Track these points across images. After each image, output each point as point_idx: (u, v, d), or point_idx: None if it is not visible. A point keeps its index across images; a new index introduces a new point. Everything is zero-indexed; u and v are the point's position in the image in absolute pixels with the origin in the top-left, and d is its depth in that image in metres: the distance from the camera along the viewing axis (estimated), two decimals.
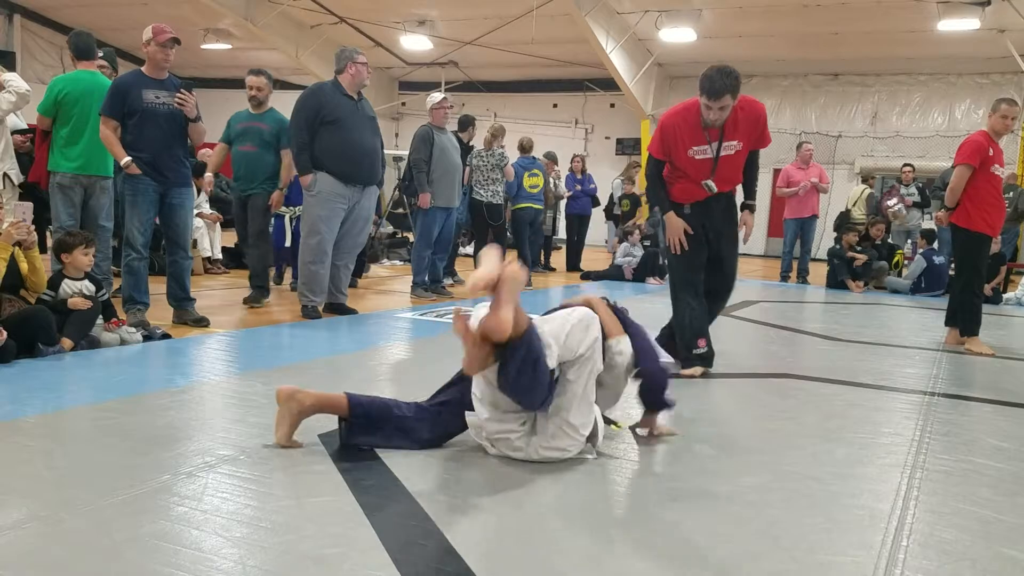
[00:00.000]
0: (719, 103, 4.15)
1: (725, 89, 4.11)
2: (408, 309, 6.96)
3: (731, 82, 4.11)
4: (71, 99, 5.63)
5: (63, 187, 5.58)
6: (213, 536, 2.09)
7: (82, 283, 4.62)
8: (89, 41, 5.92)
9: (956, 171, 5.81)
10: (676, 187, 4.52)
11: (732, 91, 4.12)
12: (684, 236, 4.49)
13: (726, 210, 4.60)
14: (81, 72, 5.81)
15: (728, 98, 4.13)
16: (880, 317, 7.79)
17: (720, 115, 4.21)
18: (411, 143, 7.95)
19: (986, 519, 2.47)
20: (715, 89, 4.12)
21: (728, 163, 4.43)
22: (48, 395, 3.51)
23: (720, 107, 4.17)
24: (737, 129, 4.35)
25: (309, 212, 6.01)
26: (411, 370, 4.57)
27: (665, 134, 4.44)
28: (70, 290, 4.54)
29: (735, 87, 4.13)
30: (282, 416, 2.84)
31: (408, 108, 21.54)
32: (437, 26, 17.19)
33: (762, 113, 4.43)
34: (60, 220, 5.58)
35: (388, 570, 1.93)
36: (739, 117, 4.31)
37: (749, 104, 4.37)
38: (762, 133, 4.45)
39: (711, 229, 4.55)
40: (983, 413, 3.97)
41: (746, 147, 4.43)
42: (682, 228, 4.49)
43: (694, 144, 4.37)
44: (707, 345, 4.52)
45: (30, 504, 2.23)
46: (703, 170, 4.41)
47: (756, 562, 2.09)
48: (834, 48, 16.14)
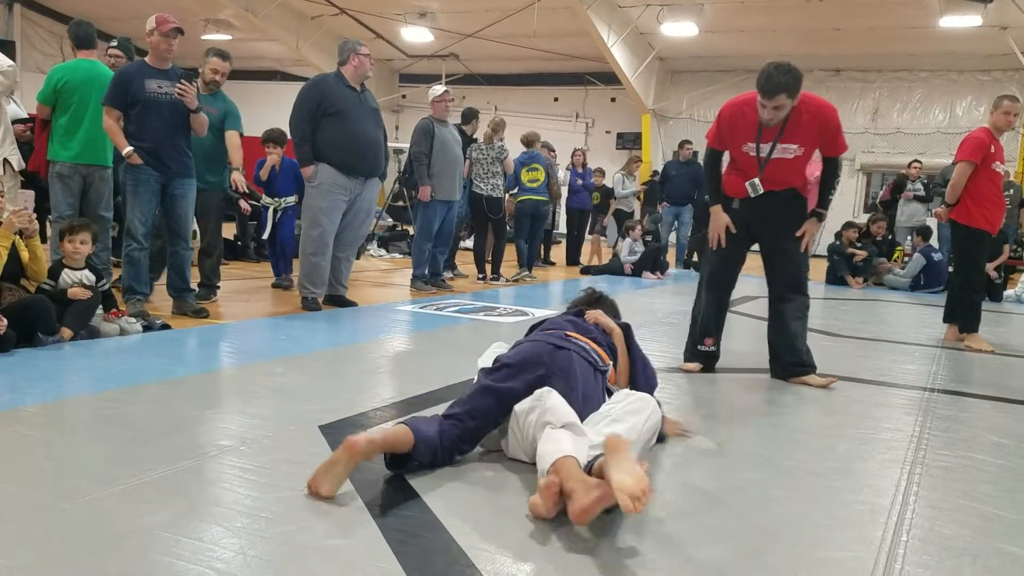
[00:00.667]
0: (773, 102, 3.86)
1: (780, 87, 3.81)
2: (408, 302, 6.96)
3: (788, 80, 3.82)
4: (70, 88, 5.61)
5: (62, 176, 5.57)
6: (214, 526, 2.09)
7: (82, 272, 4.61)
8: (89, 30, 5.91)
9: (958, 168, 5.80)
10: (728, 179, 4.30)
11: (788, 90, 3.83)
12: (724, 233, 4.27)
13: (784, 209, 4.22)
14: (81, 61, 5.79)
15: (783, 97, 3.84)
16: (879, 313, 7.79)
17: (775, 115, 3.92)
18: (412, 136, 7.94)
19: (986, 515, 2.47)
20: (770, 87, 3.84)
21: (782, 166, 4.11)
22: (48, 384, 3.51)
23: (775, 106, 3.87)
24: (799, 131, 4.01)
25: (310, 204, 6.00)
26: (411, 363, 4.57)
27: (722, 124, 4.20)
28: (70, 279, 4.54)
29: (792, 85, 3.83)
30: (338, 467, 2.32)
31: (408, 101, 21.51)
32: (438, 18, 17.17)
33: (831, 117, 4.05)
34: (59, 210, 5.57)
35: (389, 561, 1.93)
36: (803, 119, 3.99)
37: (817, 106, 4.04)
38: (833, 139, 4.08)
39: (765, 228, 4.27)
40: (983, 409, 3.97)
41: (808, 152, 4.10)
42: (724, 224, 4.27)
43: (748, 140, 4.11)
44: (714, 345, 4.43)
45: (30, 493, 2.23)
46: (752, 168, 4.15)
47: (757, 557, 2.09)
48: (836, 44, 16.12)
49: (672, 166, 12.16)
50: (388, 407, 3.38)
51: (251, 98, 20.14)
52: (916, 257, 10.45)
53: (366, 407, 3.33)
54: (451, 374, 3.98)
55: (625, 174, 12.78)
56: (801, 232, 4.20)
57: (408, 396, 3.57)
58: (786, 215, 4.22)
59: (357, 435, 2.37)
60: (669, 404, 3.60)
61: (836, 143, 4.11)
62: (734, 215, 4.29)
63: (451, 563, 1.95)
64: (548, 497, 2.18)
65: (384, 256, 11.76)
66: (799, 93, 3.89)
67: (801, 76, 3.85)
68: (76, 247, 4.61)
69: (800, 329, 4.29)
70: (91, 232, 4.72)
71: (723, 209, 4.31)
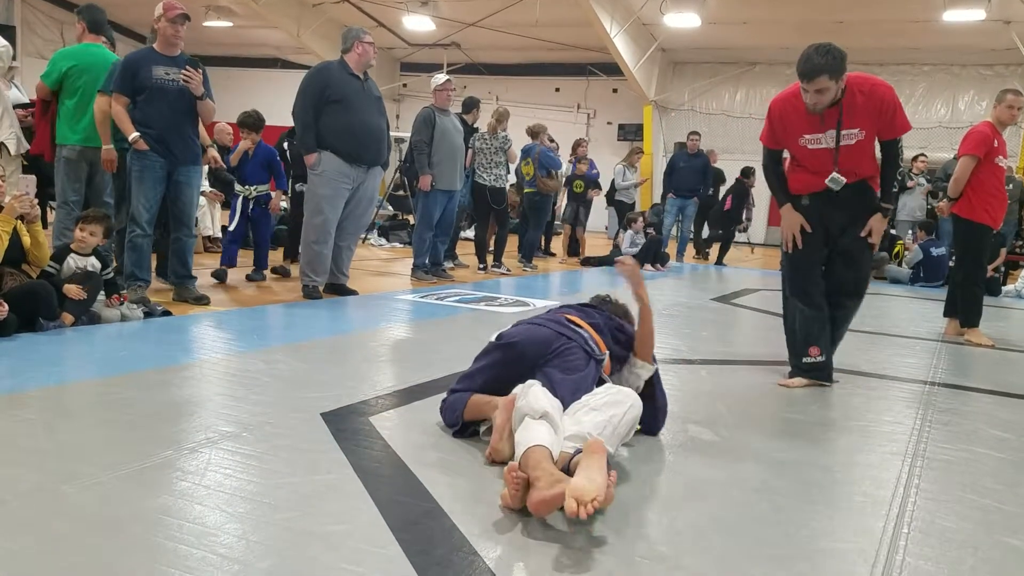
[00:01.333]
0: (814, 84, 3.62)
1: (820, 69, 3.57)
2: (409, 291, 6.96)
3: (828, 61, 3.57)
4: (78, 72, 5.58)
5: (69, 161, 5.54)
6: (216, 511, 2.09)
7: (88, 259, 4.61)
8: (103, 16, 5.88)
9: (961, 162, 5.79)
10: (792, 177, 4.05)
11: (831, 70, 3.57)
12: (800, 233, 4.00)
13: (852, 201, 3.93)
14: (89, 45, 5.75)
15: (824, 79, 3.58)
16: (880, 307, 7.78)
17: (819, 99, 3.67)
18: (413, 125, 7.92)
19: (987, 508, 2.48)
20: (808, 69, 3.60)
21: (851, 152, 3.84)
22: (50, 369, 3.51)
23: (816, 89, 3.63)
24: (855, 114, 3.75)
25: (313, 191, 5.99)
26: (412, 352, 4.57)
27: (773, 121, 3.97)
28: (74, 264, 4.54)
29: (834, 66, 3.58)
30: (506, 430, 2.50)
31: (410, 90, 21.45)
32: (440, 7, 17.11)
33: (887, 96, 3.76)
34: (65, 195, 5.55)
35: (391, 548, 1.93)
36: (857, 101, 3.73)
37: (871, 86, 3.77)
38: (891, 119, 3.78)
39: (833, 222, 4.00)
40: (983, 403, 3.97)
41: (870, 135, 3.82)
42: (798, 224, 3.98)
43: (805, 132, 3.85)
44: (822, 354, 4.01)
45: (33, 476, 2.23)
46: (824, 161, 3.85)
47: (758, 548, 2.10)
48: (838, 36, 15.81)
49: (680, 158, 12.07)
50: (389, 395, 3.38)
51: (251, 86, 20.17)
52: (915, 250, 10.45)
53: (368, 395, 3.33)
54: (452, 363, 3.97)
55: (626, 165, 12.76)
56: (867, 231, 3.94)
57: (409, 384, 3.57)
58: (857, 210, 3.96)
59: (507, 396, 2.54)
60: (669, 397, 3.60)
61: (893, 124, 3.80)
62: (805, 212, 4.00)
63: (453, 550, 1.95)
64: (510, 483, 2.16)
65: (385, 245, 11.75)
66: (843, 73, 3.64)
67: (844, 55, 3.61)
68: (86, 236, 4.60)
69: (842, 335, 4.16)
70: (104, 227, 4.70)
71: (793, 208, 4.03)
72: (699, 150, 11.92)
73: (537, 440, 2.26)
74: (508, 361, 2.81)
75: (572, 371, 2.71)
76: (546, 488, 2.08)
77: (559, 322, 2.91)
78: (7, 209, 4.19)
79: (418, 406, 3.25)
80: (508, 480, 2.18)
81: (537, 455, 2.21)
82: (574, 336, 2.84)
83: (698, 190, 11.77)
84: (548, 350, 2.76)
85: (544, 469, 2.15)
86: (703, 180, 11.83)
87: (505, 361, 2.82)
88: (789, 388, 3.99)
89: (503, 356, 2.84)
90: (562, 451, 2.29)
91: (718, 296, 8.04)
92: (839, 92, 3.69)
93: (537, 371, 2.70)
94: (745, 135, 18.17)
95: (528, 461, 2.20)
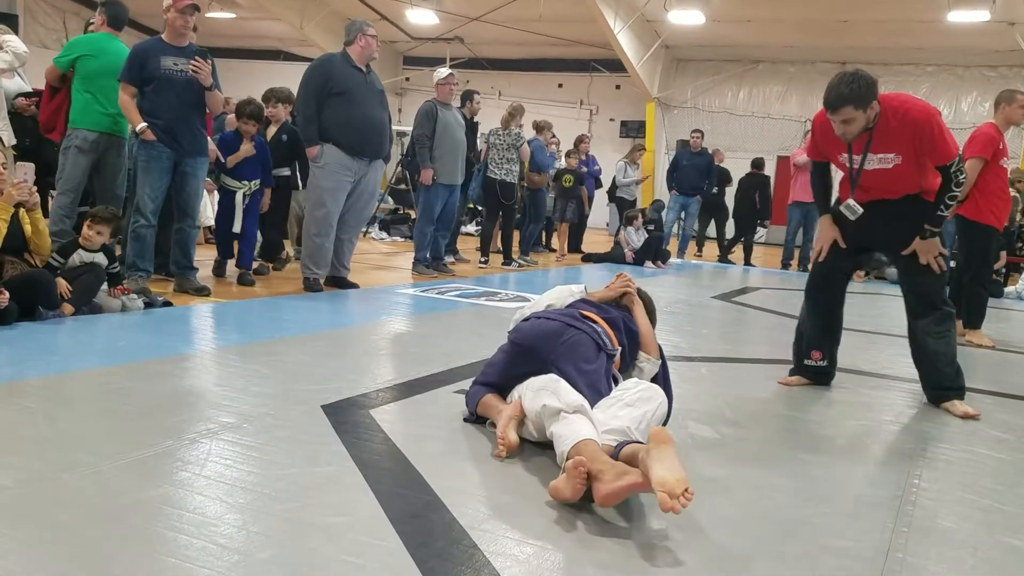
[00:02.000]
0: (839, 115, 3.47)
1: (845, 99, 3.42)
2: (409, 285, 6.96)
3: (853, 90, 3.41)
4: (90, 59, 5.49)
5: (79, 148, 5.44)
6: (216, 502, 2.08)
7: (95, 255, 4.62)
8: (124, 14, 5.82)
9: (969, 164, 5.75)
10: (844, 189, 3.89)
11: (856, 100, 3.41)
12: (828, 246, 3.90)
13: (898, 218, 3.75)
14: (105, 35, 5.68)
15: (850, 109, 3.43)
16: (881, 307, 7.78)
17: (846, 128, 3.51)
18: (415, 118, 7.91)
19: (987, 508, 2.48)
20: (832, 99, 3.47)
21: (884, 177, 3.68)
22: (50, 358, 3.51)
23: (842, 120, 3.48)
24: (888, 139, 3.57)
25: (315, 184, 5.98)
26: (412, 345, 4.57)
27: (815, 133, 3.87)
28: (79, 260, 4.55)
29: (859, 96, 3.41)
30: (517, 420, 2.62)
31: (412, 83, 21.43)
32: (443, 1, 17.08)
33: (920, 119, 3.51)
34: (70, 182, 5.41)
35: (391, 540, 1.93)
36: (891, 126, 3.54)
37: (904, 108, 3.54)
38: (932, 144, 3.52)
39: (876, 239, 3.95)
40: (984, 404, 3.96)
41: (910, 159, 3.60)
42: (832, 238, 3.88)
43: (841, 151, 3.74)
44: (824, 360, 4.01)
45: (33, 465, 2.22)
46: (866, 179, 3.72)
47: (758, 546, 2.09)
48: (842, 36, 16.05)
49: (683, 156, 12.02)
50: (390, 388, 3.38)
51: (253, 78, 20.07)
52: None
53: (368, 388, 3.32)
54: (452, 357, 3.98)
55: (628, 162, 12.75)
56: (909, 251, 3.71)
57: (410, 378, 3.57)
58: (900, 225, 3.74)
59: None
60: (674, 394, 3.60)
61: (936, 150, 3.54)
62: (845, 226, 3.86)
63: (453, 542, 1.95)
64: (576, 477, 2.13)
65: (386, 239, 11.75)
66: (870, 102, 3.46)
67: (872, 83, 3.44)
68: (93, 235, 4.58)
69: (943, 348, 3.79)
70: (112, 227, 4.69)
71: (836, 220, 3.89)
72: (702, 148, 11.88)
73: (584, 434, 2.27)
74: (521, 356, 2.85)
75: (586, 363, 2.73)
76: (614, 480, 2.10)
77: (572, 316, 2.94)
78: (5, 197, 4.18)
79: (419, 399, 3.25)
80: (573, 474, 2.14)
81: (591, 448, 2.22)
82: (585, 328, 2.86)
83: (701, 188, 11.75)
84: (558, 342, 2.78)
85: (605, 461, 2.16)
86: (706, 178, 11.81)
87: (518, 356, 2.87)
88: (788, 386, 3.99)
89: (515, 351, 2.90)
90: (604, 444, 2.31)
91: (719, 294, 8.03)
92: (873, 118, 3.53)
93: (552, 366, 2.70)
94: (748, 133, 18.18)
95: (583, 453, 2.20)
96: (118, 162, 5.63)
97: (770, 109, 18.50)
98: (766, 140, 18.01)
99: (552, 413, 2.40)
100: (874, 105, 3.48)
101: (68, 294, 4.30)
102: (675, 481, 1.99)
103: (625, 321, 3.11)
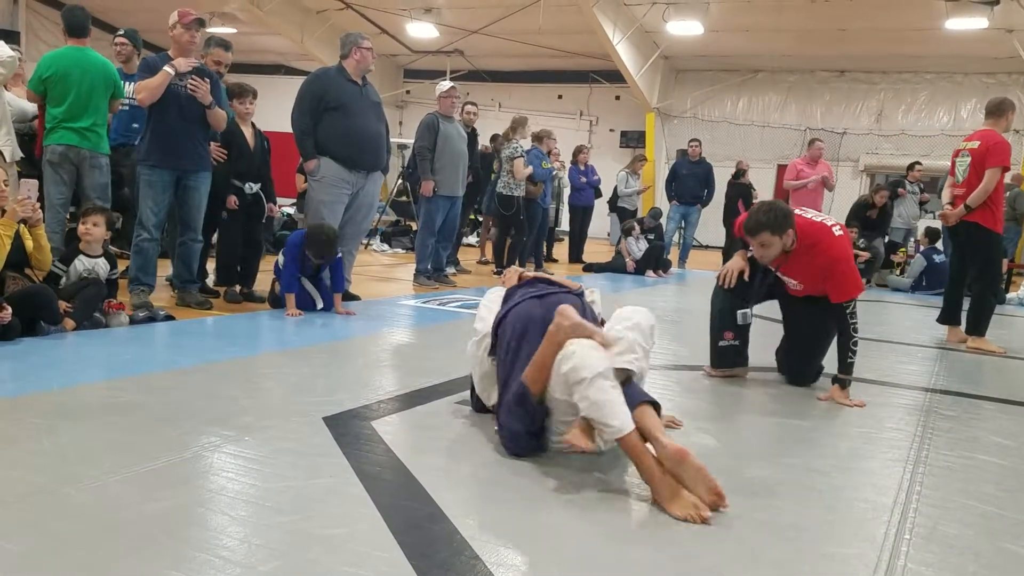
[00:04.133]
0: (758, 240, 3.81)
1: (761, 226, 3.76)
2: (411, 297, 6.96)
3: (770, 218, 3.75)
4: (57, 77, 5.55)
5: (52, 164, 5.50)
6: (218, 514, 2.09)
7: (97, 260, 4.65)
8: (80, 17, 5.77)
9: (992, 173, 5.74)
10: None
11: (772, 227, 3.75)
12: (735, 277, 4.12)
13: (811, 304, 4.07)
14: (68, 49, 5.70)
15: (767, 235, 3.76)
16: (881, 314, 7.78)
17: (764, 252, 3.84)
18: (416, 131, 7.94)
19: (988, 514, 2.48)
20: (749, 225, 3.83)
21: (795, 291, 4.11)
22: (52, 373, 3.51)
23: (760, 243, 3.81)
24: (793, 267, 3.95)
25: (313, 197, 6.00)
26: (414, 357, 4.57)
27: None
28: (81, 268, 4.57)
29: (775, 223, 3.74)
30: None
31: (413, 96, 21.49)
32: (443, 14, 17.14)
33: (830, 262, 3.82)
34: (50, 198, 5.49)
35: (392, 551, 1.94)
36: (801, 259, 3.90)
37: (820, 247, 3.84)
38: (835, 284, 3.83)
39: (781, 292, 4.22)
40: (985, 411, 3.97)
41: (809, 289, 3.99)
42: (740, 269, 4.12)
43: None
44: (736, 340, 4.20)
45: (35, 479, 2.23)
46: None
47: (760, 552, 2.10)
48: (841, 45, 16.10)
49: (682, 165, 12.05)
50: (391, 399, 3.38)
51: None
52: (917, 258, 10.45)
53: (370, 399, 3.33)
54: (453, 368, 3.98)
55: (629, 172, 12.77)
56: (827, 397, 3.89)
57: (411, 389, 3.57)
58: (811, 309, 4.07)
59: None
60: (671, 401, 3.61)
61: (837, 288, 3.83)
62: (756, 266, 4.11)
63: (454, 553, 1.95)
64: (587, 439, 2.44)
65: (387, 251, 11.76)
66: (787, 229, 3.78)
67: (787, 214, 3.80)
68: (88, 228, 4.61)
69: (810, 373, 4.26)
70: (105, 217, 4.73)
71: (744, 255, 4.15)
72: (701, 157, 11.91)
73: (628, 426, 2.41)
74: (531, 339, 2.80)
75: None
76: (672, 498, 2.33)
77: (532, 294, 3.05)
78: (9, 213, 4.20)
79: (420, 410, 3.26)
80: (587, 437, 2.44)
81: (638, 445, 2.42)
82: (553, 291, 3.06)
83: (701, 197, 11.77)
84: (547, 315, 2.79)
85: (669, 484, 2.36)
86: (706, 187, 11.83)
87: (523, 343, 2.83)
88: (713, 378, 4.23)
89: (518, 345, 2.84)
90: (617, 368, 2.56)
91: None
92: (789, 244, 3.83)
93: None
94: (747, 143, 18.21)
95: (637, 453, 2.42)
96: (96, 174, 5.63)
97: (769, 118, 18.54)
98: (766, 149, 18.05)
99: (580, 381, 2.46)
100: (790, 233, 3.80)
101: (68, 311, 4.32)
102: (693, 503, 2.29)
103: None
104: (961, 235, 6.00)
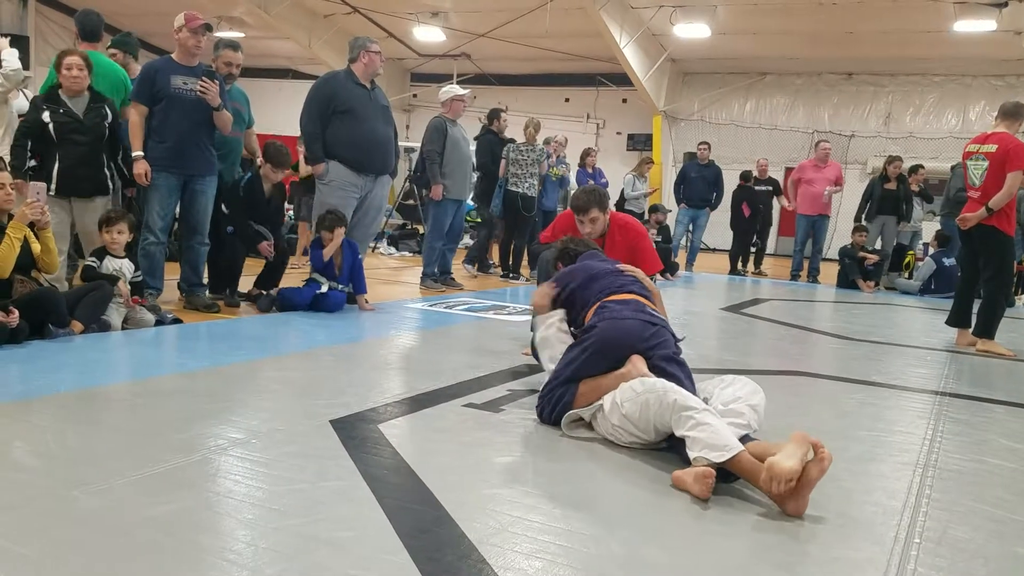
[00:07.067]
0: (588, 215, 4.37)
1: (591, 202, 4.37)
2: (418, 300, 6.97)
3: (594, 197, 4.43)
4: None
5: None
6: (226, 517, 2.09)
7: (123, 261, 4.78)
8: (96, 22, 5.80)
9: (1014, 177, 5.71)
10: None
11: (598, 204, 4.38)
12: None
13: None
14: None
15: (595, 211, 4.36)
16: (890, 317, 7.76)
17: (592, 227, 4.39)
18: (425, 134, 7.96)
19: (999, 518, 2.46)
20: (579, 204, 4.42)
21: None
22: (60, 376, 3.52)
23: (590, 219, 4.38)
24: (614, 248, 4.41)
25: (322, 201, 6.01)
26: (421, 360, 4.57)
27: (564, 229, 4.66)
28: (110, 267, 4.69)
29: (600, 201, 4.41)
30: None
31: (420, 100, 21.50)
32: (450, 18, 17.16)
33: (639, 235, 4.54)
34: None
35: (399, 554, 1.93)
36: (615, 238, 4.46)
37: (627, 225, 4.55)
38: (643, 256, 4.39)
39: None
40: (995, 414, 3.95)
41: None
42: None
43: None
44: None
45: (42, 482, 2.23)
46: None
47: (769, 555, 2.08)
48: (849, 47, 16.06)
49: (691, 168, 12.06)
50: (399, 402, 3.38)
51: (263, 96, 20.19)
52: (927, 261, 10.41)
53: (377, 402, 3.33)
54: (460, 371, 3.98)
55: (636, 175, 12.75)
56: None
57: (418, 392, 3.57)
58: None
59: None
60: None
61: (646, 262, 4.31)
62: None
63: (462, 557, 1.94)
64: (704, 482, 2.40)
65: (394, 254, 11.77)
66: (606, 208, 4.43)
67: (606, 195, 4.54)
68: (114, 237, 4.73)
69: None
70: (128, 222, 4.81)
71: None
72: (710, 160, 11.90)
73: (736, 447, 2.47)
74: (604, 352, 3.04)
75: (676, 357, 3.10)
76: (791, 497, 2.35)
77: (640, 310, 3.22)
78: (18, 216, 4.21)
79: (427, 413, 3.25)
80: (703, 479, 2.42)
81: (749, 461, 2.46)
82: (656, 320, 3.19)
83: (709, 200, 11.76)
84: (643, 338, 3.07)
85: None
86: (715, 190, 11.82)
87: (602, 352, 3.04)
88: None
89: (600, 348, 3.06)
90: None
91: (728, 306, 8.02)
92: (605, 225, 4.44)
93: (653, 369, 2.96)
94: (755, 145, 18.16)
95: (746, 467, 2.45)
96: None
97: (777, 121, 18.49)
98: (774, 152, 18.01)
99: (674, 410, 2.60)
100: (609, 211, 4.47)
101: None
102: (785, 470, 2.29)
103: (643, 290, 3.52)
104: (976, 238, 5.96)
